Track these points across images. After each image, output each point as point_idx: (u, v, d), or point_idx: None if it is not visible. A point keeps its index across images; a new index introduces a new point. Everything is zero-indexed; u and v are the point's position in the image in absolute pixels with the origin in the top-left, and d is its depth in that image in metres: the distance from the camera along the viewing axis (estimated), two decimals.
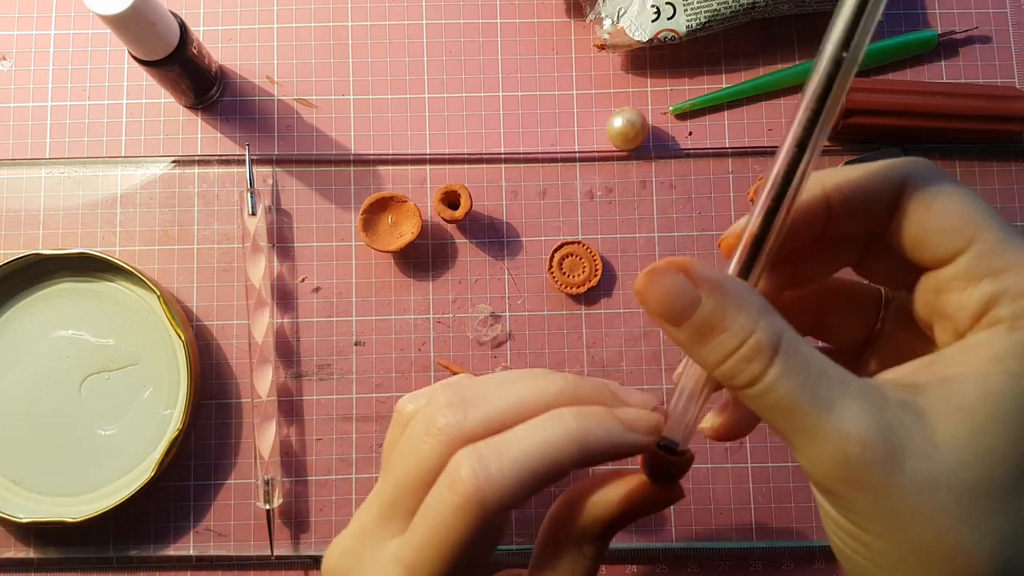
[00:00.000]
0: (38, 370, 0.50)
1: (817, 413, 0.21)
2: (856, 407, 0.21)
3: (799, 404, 0.21)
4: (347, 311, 0.51)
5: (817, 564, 0.50)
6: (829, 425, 0.21)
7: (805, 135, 0.22)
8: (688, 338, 0.22)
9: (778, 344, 0.21)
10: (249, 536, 0.50)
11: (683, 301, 0.22)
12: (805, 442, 0.21)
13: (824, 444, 0.21)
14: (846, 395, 0.21)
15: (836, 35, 0.21)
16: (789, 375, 0.21)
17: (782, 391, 0.21)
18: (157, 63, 0.46)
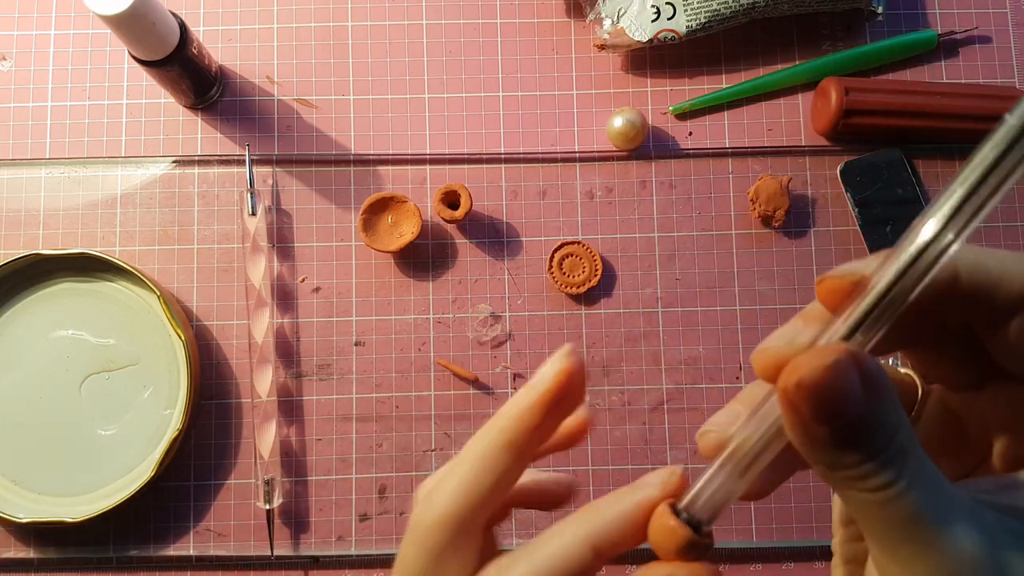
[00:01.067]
0: (38, 370, 0.50)
1: (940, 528, 0.19)
2: (970, 527, 0.19)
3: (924, 516, 0.19)
4: (347, 311, 0.51)
5: (817, 563, 0.50)
6: (948, 544, 0.19)
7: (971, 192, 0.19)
8: (829, 436, 0.19)
9: (912, 446, 0.20)
10: (249, 536, 0.50)
11: (849, 402, 0.19)
12: (912, 558, 0.19)
13: (936, 562, 0.19)
14: (963, 513, 0.20)
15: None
16: (921, 483, 0.19)
17: (911, 498, 0.19)
18: (157, 63, 0.46)
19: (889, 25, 0.54)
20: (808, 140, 0.53)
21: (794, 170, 0.53)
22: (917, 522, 0.19)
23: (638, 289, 0.52)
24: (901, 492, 0.19)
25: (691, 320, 0.51)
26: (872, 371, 0.19)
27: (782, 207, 0.51)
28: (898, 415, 0.20)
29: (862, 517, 0.20)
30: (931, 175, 0.53)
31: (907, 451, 0.20)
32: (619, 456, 0.51)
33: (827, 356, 0.19)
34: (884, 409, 0.20)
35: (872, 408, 0.19)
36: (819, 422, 0.19)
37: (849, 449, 0.19)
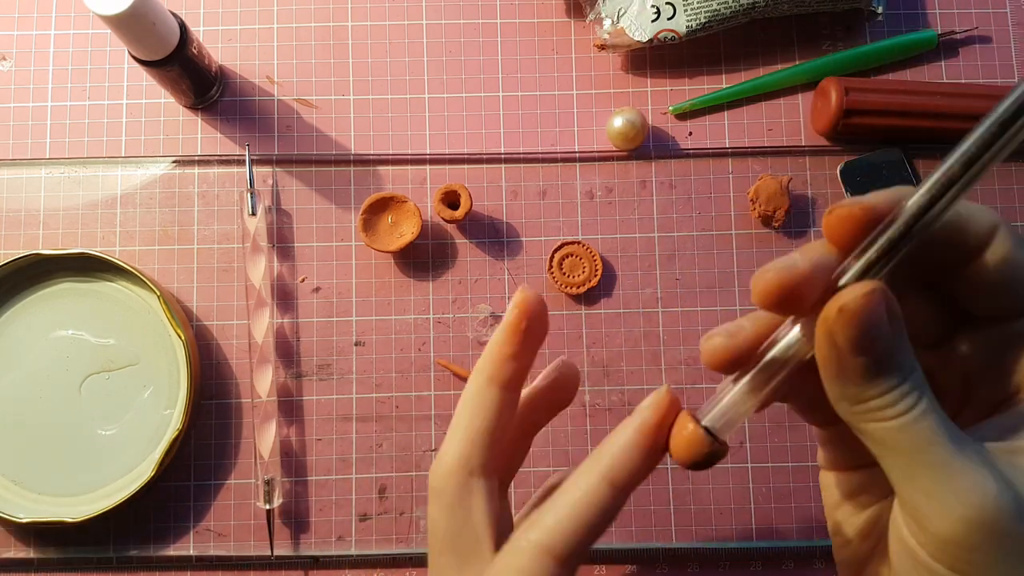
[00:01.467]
0: (38, 370, 0.50)
1: (956, 449, 0.21)
2: (980, 452, 0.21)
3: (939, 438, 0.21)
4: (347, 311, 0.51)
5: (817, 564, 0.50)
6: (965, 463, 0.20)
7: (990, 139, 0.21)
8: (863, 369, 0.21)
9: (924, 379, 0.22)
10: (249, 536, 0.50)
11: (881, 333, 0.21)
12: (931, 478, 0.21)
13: (960, 482, 0.20)
14: (970, 443, 0.21)
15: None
16: (935, 409, 0.21)
17: (927, 423, 0.21)
18: (157, 63, 0.46)
19: (889, 25, 0.54)
20: (808, 140, 0.53)
21: (794, 170, 0.53)
22: (935, 444, 0.21)
23: (638, 289, 0.52)
24: (921, 414, 0.21)
25: (691, 320, 0.51)
26: (896, 309, 0.21)
27: (782, 207, 0.51)
28: (912, 354, 0.22)
29: (885, 448, 0.22)
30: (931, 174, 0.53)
31: (922, 386, 0.21)
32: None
33: (866, 286, 0.21)
34: (905, 345, 0.21)
35: (898, 340, 0.21)
36: (855, 353, 0.21)
37: (879, 378, 0.21)
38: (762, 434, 0.51)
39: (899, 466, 0.21)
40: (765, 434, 0.51)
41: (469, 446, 0.27)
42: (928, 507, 0.21)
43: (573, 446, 0.50)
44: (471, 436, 0.27)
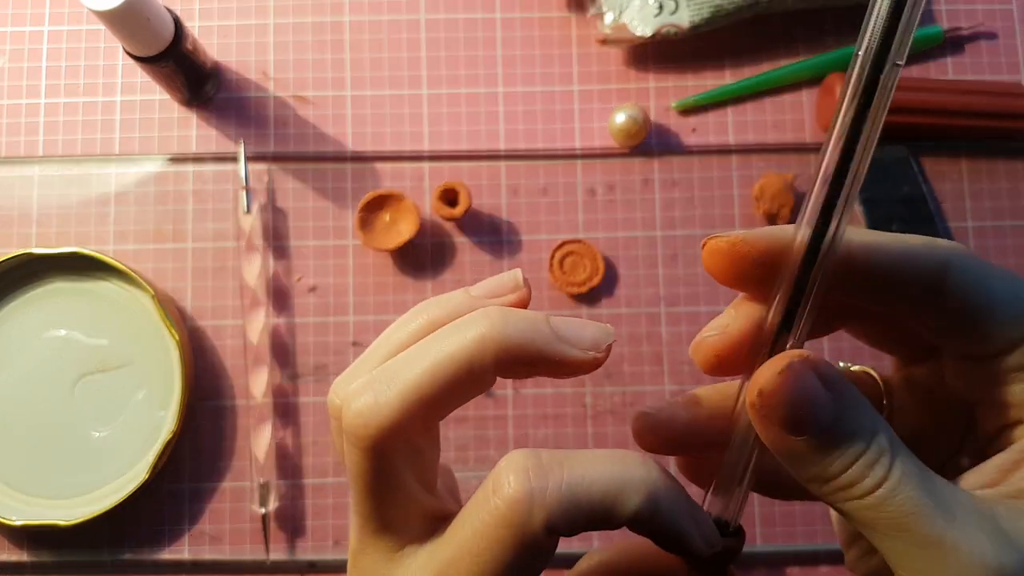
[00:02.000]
0: (31, 371, 0.49)
1: (941, 521, 0.18)
2: (973, 519, 0.19)
3: (922, 509, 0.18)
4: (344, 311, 0.51)
5: (821, 568, 0.49)
6: (957, 535, 0.18)
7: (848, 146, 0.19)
8: (809, 448, 0.19)
9: (895, 443, 0.19)
10: (244, 540, 0.49)
11: (815, 407, 0.19)
12: (922, 559, 0.19)
13: (955, 558, 0.18)
14: (962, 505, 0.19)
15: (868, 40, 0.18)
16: (912, 476, 0.19)
17: (905, 494, 0.19)
18: (151, 59, 0.45)
19: None
20: (813, 137, 0.53)
21: (799, 167, 0.52)
22: (919, 518, 0.18)
23: (640, 288, 0.51)
24: (893, 490, 0.19)
25: (694, 320, 0.51)
26: (832, 374, 0.19)
27: (787, 205, 0.51)
28: (872, 416, 0.19)
29: (867, 530, 0.20)
30: (937, 172, 0.52)
31: (892, 450, 0.19)
32: None
33: (779, 362, 0.19)
34: (856, 411, 0.19)
35: (842, 410, 0.19)
36: (792, 431, 0.19)
37: (831, 455, 0.19)
38: None
39: (887, 546, 0.19)
40: None
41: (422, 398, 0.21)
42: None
43: (575, 447, 0.50)
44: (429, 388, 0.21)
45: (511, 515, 0.20)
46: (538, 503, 0.20)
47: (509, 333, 0.21)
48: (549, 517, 0.20)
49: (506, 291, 0.24)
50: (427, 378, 0.21)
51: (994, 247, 0.52)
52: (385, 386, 0.21)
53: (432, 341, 0.22)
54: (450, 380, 0.21)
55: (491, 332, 0.21)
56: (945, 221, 0.52)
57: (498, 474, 0.21)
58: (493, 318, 0.22)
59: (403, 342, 0.23)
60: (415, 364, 0.21)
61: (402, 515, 0.23)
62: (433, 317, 0.23)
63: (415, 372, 0.21)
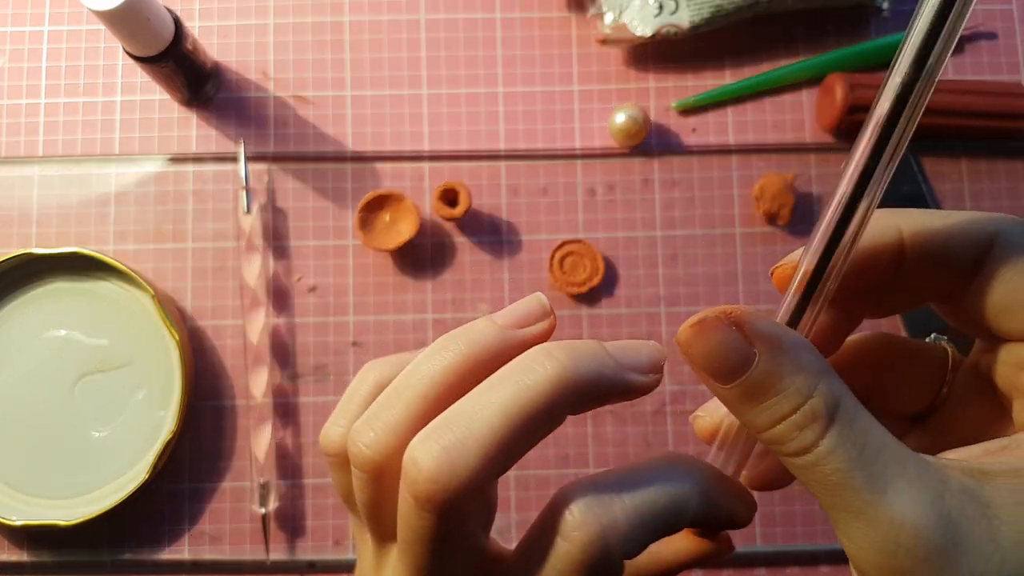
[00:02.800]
0: (31, 371, 0.49)
1: (869, 494, 0.19)
2: (913, 491, 0.19)
3: (850, 481, 0.19)
4: (344, 311, 0.51)
5: (822, 568, 0.49)
6: (881, 509, 0.18)
7: (872, 161, 0.19)
8: (736, 398, 0.20)
9: (835, 412, 0.19)
10: (244, 540, 0.49)
11: (734, 359, 0.19)
12: (851, 524, 0.19)
13: (872, 529, 0.19)
14: (903, 476, 0.19)
15: (915, 43, 0.19)
16: (843, 448, 0.19)
17: (833, 465, 0.19)
18: (151, 59, 0.45)
19: (894, 21, 0.54)
20: (813, 137, 0.53)
21: (799, 167, 0.52)
22: (846, 488, 0.19)
23: (640, 288, 0.51)
24: (823, 456, 0.19)
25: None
26: (763, 329, 0.20)
27: (787, 205, 0.51)
28: (811, 378, 0.19)
29: (804, 483, 0.20)
30: (937, 172, 0.52)
31: (830, 416, 0.19)
32: (621, 458, 0.50)
33: (694, 317, 0.20)
34: (791, 367, 0.19)
35: (772, 365, 0.19)
36: (715, 380, 0.20)
37: (755, 408, 0.20)
38: None
39: (825, 504, 0.20)
40: None
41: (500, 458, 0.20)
42: (850, 550, 0.19)
43: (574, 449, 0.50)
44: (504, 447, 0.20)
45: (588, 558, 0.20)
46: (611, 538, 0.20)
47: (580, 372, 0.21)
48: (626, 547, 0.20)
49: (534, 319, 0.23)
50: (504, 430, 0.20)
51: None
52: (459, 442, 0.20)
53: (497, 388, 0.20)
54: (528, 428, 0.20)
55: (564, 374, 0.20)
56: None
57: (560, 517, 0.20)
58: (561, 359, 0.21)
59: (438, 382, 0.22)
60: (487, 415, 0.20)
61: (463, 569, 0.22)
62: (469, 354, 0.22)
63: (491, 424, 0.20)
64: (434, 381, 0.21)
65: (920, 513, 0.18)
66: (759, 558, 0.49)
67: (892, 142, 0.19)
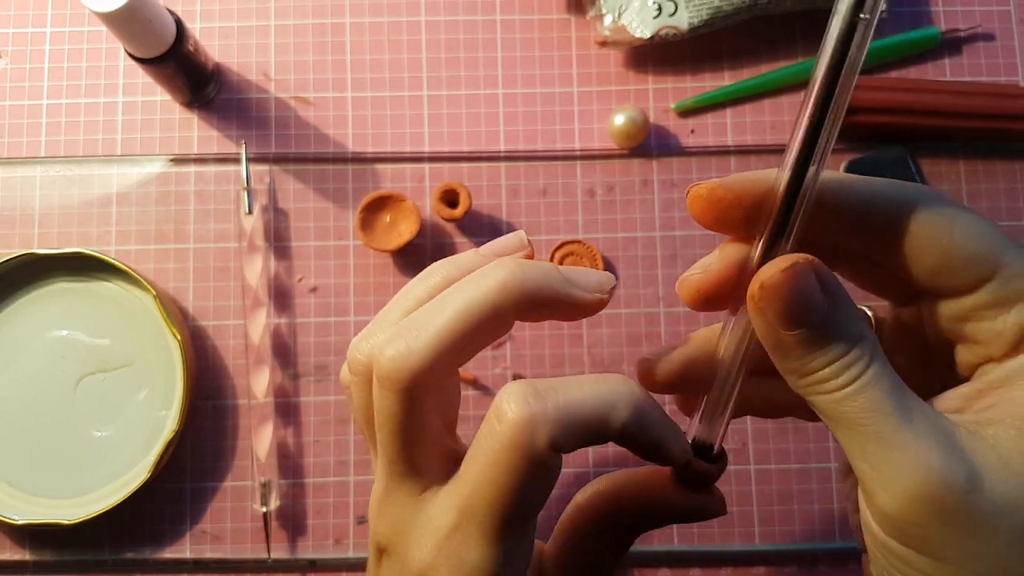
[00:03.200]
0: (33, 370, 0.49)
1: (900, 419, 0.20)
2: (932, 423, 0.20)
3: (884, 407, 0.20)
4: (345, 311, 0.51)
5: (820, 567, 0.49)
6: (910, 437, 0.20)
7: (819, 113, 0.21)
8: (798, 342, 0.21)
9: (874, 351, 0.21)
10: (246, 539, 0.49)
11: (811, 304, 0.21)
12: (879, 451, 0.20)
13: (902, 453, 0.20)
14: (923, 410, 0.21)
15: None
16: (882, 380, 0.21)
17: (871, 394, 0.21)
18: (153, 60, 0.46)
19: (892, 23, 0.54)
20: None
21: None
22: (878, 415, 0.20)
23: (640, 289, 0.51)
24: (866, 384, 0.21)
25: (693, 320, 0.51)
26: (829, 279, 0.21)
27: None
28: (860, 324, 0.21)
29: (834, 422, 0.21)
30: (935, 173, 0.52)
31: (871, 356, 0.21)
32: (620, 457, 0.50)
33: (785, 260, 0.21)
34: (846, 315, 0.21)
35: (834, 312, 0.21)
36: (786, 326, 0.21)
37: (819, 350, 0.21)
38: (764, 436, 0.50)
39: (847, 438, 0.21)
40: (768, 436, 0.50)
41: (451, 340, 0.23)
42: (875, 480, 0.21)
43: None
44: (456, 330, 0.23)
45: (517, 437, 0.22)
46: (540, 423, 0.22)
47: (527, 277, 0.24)
48: (551, 434, 0.22)
49: (513, 250, 0.27)
50: (455, 323, 0.23)
51: None
52: (415, 333, 0.23)
53: (455, 290, 0.24)
54: (475, 323, 0.23)
55: (511, 278, 0.23)
56: None
57: (499, 404, 0.23)
58: (511, 267, 0.24)
59: (421, 298, 0.25)
60: (442, 311, 0.23)
61: (427, 457, 0.24)
62: (448, 274, 0.25)
63: (443, 318, 0.23)
64: (420, 300, 0.25)
65: (943, 443, 0.20)
66: (757, 557, 0.49)
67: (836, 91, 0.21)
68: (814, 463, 0.50)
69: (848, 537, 0.49)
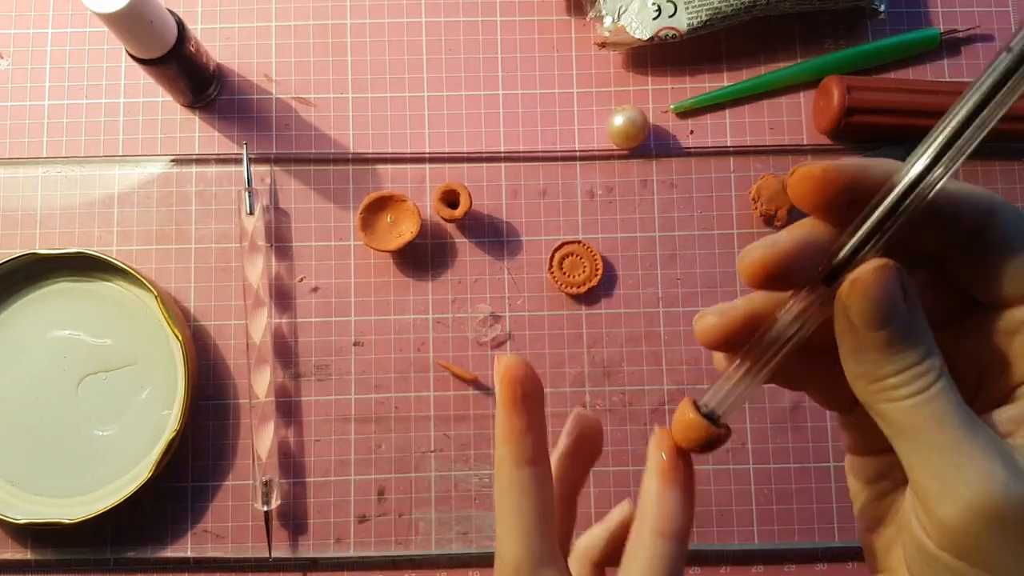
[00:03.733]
0: (35, 370, 0.49)
1: (965, 434, 0.21)
2: (997, 445, 0.21)
3: (951, 420, 0.21)
4: (345, 311, 0.51)
5: (819, 566, 0.49)
6: (975, 449, 0.20)
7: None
8: (876, 344, 0.22)
9: (943, 363, 0.22)
10: (247, 538, 0.49)
11: (894, 307, 0.21)
12: (944, 461, 0.21)
13: (970, 465, 0.20)
14: (987, 432, 0.21)
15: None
16: (950, 392, 0.21)
17: (939, 405, 0.21)
18: (154, 61, 0.46)
19: (891, 24, 0.54)
20: (810, 139, 0.53)
21: None
22: (945, 426, 0.21)
23: (639, 289, 0.51)
24: (936, 394, 0.21)
25: (692, 320, 0.51)
26: (910, 286, 0.22)
27: (784, 206, 0.51)
28: (931, 337, 0.22)
29: (897, 430, 0.22)
30: None
31: (941, 367, 0.21)
32: (620, 457, 0.50)
33: (879, 261, 0.21)
34: (922, 325, 0.22)
35: (912, 320, 0.21)
36: (870, 328, 0.21)
37: (896, 355, 0.21)
38: (764, 435, 0.50)
39: (910, 448, 0.21)
40: (767, 435, 0.50)
41: (528, 538, 0.26)
42: (936, 491, 0.21)
43: None
44: (525, 526, 0.26)
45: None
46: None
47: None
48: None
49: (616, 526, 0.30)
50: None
51: None
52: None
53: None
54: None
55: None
56: None
57: None
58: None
59: None
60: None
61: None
62: None
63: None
64: None
65: (1006, 459, 0.20)
66: (757, 555, 0.49)
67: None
68: (813, 462, 0.50)
69: (846, 536, 0.50)
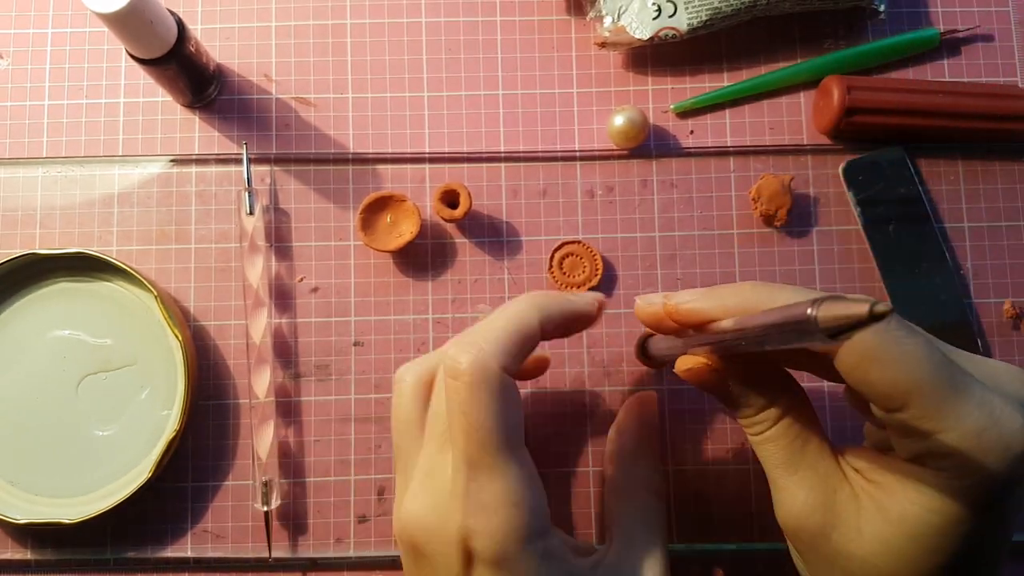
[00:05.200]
0: (35, 370, 0.49)
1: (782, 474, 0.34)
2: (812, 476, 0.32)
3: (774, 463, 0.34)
4: (345, 311, 0.51)
5: None
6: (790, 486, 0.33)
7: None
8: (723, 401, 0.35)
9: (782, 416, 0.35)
10: (247, 538, 0.49)
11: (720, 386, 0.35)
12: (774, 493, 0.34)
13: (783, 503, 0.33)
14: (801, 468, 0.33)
15: None
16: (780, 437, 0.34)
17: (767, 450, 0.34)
18: (154, 61, 0.46)
19: (891, 24, 0.54)
20: (810, 139, 0.53)
21: (796, 169, 0.52)
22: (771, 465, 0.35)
23: (639, 289, 0.51)
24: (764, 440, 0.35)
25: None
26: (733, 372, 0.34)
27: (784, 206, 0.51)
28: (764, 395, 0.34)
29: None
30: (933, 174, 0.53)
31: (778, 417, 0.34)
32: None
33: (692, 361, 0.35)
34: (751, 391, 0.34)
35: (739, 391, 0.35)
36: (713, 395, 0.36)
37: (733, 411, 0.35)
38: None
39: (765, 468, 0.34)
40: None
41: (506, 346, 0.32)
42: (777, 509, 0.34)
43: (573, 447, 0.50)
44: (507, 339, 0.32)
45: (476, 378, 0.30)
46: (488, 358, 0.31)
47: (546, 296, 0.36)
48: (500, 361, 0.31)
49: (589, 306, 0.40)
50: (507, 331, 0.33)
51: (990, 248, 0.52)
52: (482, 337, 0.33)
53: (498, 312, 0.35)
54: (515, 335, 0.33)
55: (535, 298, 0.36)
56: (941, 222, 0.52)
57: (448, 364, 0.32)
58: (533, 293, 0.36)
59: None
60: (493, 327, 0.34)
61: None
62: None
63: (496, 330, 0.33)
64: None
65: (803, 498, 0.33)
66: (756, 556, 0.49)
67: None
68: None
69: None
